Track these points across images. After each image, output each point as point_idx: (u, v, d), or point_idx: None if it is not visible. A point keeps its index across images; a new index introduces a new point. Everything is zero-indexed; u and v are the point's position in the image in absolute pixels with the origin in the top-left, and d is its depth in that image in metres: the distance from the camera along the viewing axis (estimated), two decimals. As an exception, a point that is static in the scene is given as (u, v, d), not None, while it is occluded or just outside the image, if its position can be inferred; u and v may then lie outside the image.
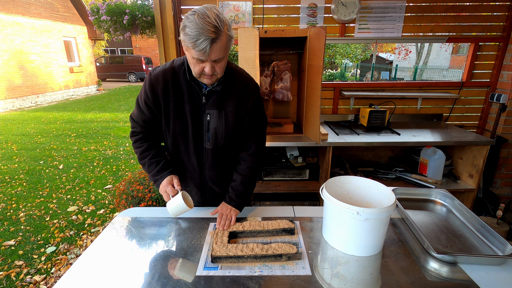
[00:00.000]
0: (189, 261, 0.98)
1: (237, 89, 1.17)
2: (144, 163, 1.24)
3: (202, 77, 1.07)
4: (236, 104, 1.18)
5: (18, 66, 9.18)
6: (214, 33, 0.93)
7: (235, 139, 1.24)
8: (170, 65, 1.15)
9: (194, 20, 0.93)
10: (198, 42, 0.93)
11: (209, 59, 0.99)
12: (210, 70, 1.02)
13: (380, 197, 1.10)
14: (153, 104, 1.15)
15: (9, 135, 5.98)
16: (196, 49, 0.95)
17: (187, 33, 0.94)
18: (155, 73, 1.14)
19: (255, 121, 1.24)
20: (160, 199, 2.59)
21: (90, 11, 2.70)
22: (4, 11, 8.60)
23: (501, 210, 2.04)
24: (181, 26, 0.98)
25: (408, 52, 17.92)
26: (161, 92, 1.13)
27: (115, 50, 20.21)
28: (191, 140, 1.20)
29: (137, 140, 1.25)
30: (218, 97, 1.16)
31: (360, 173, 2.46)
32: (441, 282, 0.88)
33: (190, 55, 1.01)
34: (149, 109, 1.17)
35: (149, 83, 1.13)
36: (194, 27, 0.92)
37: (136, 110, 1.22)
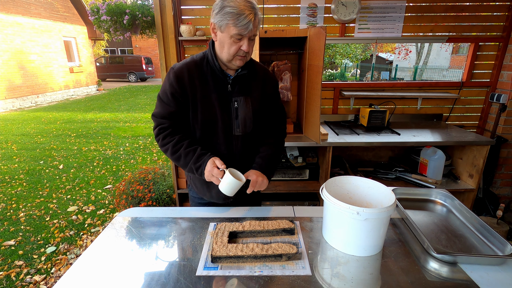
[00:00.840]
0: (189, 261, 0.98)
1: (259, 75, 1.25)
2: (180, 155, 1.17)
3: (235, 59, 1.12)
4: (260, 89, 1.25)
5: (18, 66, 9.18)
6: (253, 9, 1.04)
7: (262, 124, 1.31)
8: (191, 59, 1.18)
9: (234, 0, 1.02)
10: (242, 18, 1.01)
11: (248, 36, 1.06)
12: (247, 46, 1.08)
13: (380, 197, 1.10)
14: (181, 96, 1.15)
15: (9, 135, 5.98)
16: (239, 24, 1.02)
17: (228, 11, 1.02)
18: (178, 67, 1.15)
19: (277, 104, 1.34)
20: (160, 199, 2.59)
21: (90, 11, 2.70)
22: (4, 11, 8.60)
23: (501, 210, 2.04)
24: (216, 9, 1.06)
25: (408, 52, 17.92)
26: (188, 84, 1.14)
27: (115, 50, 20.21)
28: (220, 129, 1.21)
29: (166, 136, 1.19)
30: (243, 83, 1.21)
31: (360, 173, 2.46)
32: (441, 282, 0.88)
33: (227, 34, 1.06)
34: (176, 102, 1.16)
35: (174, 76, 1.14)
36: (236, 5, 1.02)
37: (160, 107, 1.19)
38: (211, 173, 1.11)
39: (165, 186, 2.66)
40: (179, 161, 1.18)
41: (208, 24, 2.56)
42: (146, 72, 16.40)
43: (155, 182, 2.69)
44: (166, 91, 1.16)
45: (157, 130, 1.20)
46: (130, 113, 8.26)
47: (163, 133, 1.19)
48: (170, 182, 2.75)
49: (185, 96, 1.16)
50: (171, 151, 1.18)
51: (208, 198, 1.34)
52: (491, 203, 2.58)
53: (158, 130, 1.20)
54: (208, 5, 2.52)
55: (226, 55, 1.11)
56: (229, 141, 1.24)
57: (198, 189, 1.36)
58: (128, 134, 6.07)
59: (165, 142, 1.18)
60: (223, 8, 1.03)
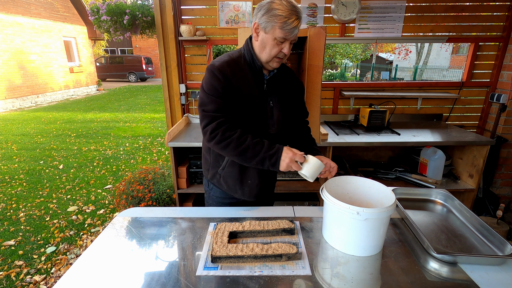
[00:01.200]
0: (189, 261, 0.98)
1: (288, 75, 1.31)
2: (247, 146, 1.12)
3: (273, 61, 1.16)
4: (292, 90, 1.32)
5: (18, 66, 9.18)
6: (299, 14, 1.08)
7: (293, 123, 1.38)
8: (228, 57, 1.18)
9: (283, 4, 1.06)
10: (289, 22, 1.06)
11: (290, 39, 1.10)
12: (288, 49, 1.12)
13: (380, 197, 1.10)
14: (229, 90, 1.15)
15: (9, 135, 5.98)
16: (285, 28, 1.06)
17: (276, 14, 1.05)
18: (219, 63, 1.14)
19: (303, 103, 1.42)
20: (160, 199, 2.59)
21: (90, 11, 2.70)
22: (4, 11, 8.60)
23: (501, 210, 2.04)
24: (263, 10, 1.08)
25: (408, 52, 17.92)
26: (232, 80, 1.15)
27: (115, 50, 20.21)
28: (257, 127, 1.23)
29: (227, 130, 1.13)
30: (277, 84, 1.26)
31: (360, 173, 2.46)
32: (441, 282, 0.88)
33: (271, 36, 1.09)
34: (227, 96, 1.15)
35: (219, 71, 1.12)
36: (285, 9, 1.05)
37: (213, 102, 1.14)
38: (293, 159, 1.10)
39: (165, 186, 2.66)
40: (246, 153, 1.12)
41: (209, 24, 2.56)
42: (146, 72, 16.40)
43: (155, 182, 2.69)
44: (215, 86, 1.13)
45: (215, 125, 1.13)
46: (130, 113, 8.26)
47: (222, 127, 1.13)
48: (170, 182, 2.75)
49: (230, 92, 1.15)
50: (236, 144, 1.12)
51: (240, 196, 1.34)
52: (491, 203, 2.58)
53: (216, 124, 1.13)
54: (208, 5, 2.52)
55: (266, 56, 1.14)
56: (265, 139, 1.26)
57: (229, 187, 1.33)
58: (128, 134, 6.07)
59: (227, 136, 1.12)
60: (270, 11, 1.06)
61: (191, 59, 2.68)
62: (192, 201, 2.52)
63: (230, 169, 1.29)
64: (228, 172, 1.29)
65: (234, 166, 1.28)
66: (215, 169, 1.32)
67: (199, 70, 2.71)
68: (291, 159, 1.10)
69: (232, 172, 1.29)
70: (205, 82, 1.16)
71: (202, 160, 1.41)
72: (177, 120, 2.69)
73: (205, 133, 1.15)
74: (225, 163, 1.29)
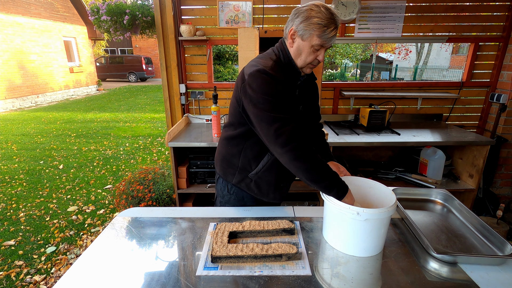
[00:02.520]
0: (189, 261, 0.98)
1: (311, 80, 1.33)
2: (321, 165, 1.06)
3: (307, 67, 1.17)
4: (314, 94, 1.36)
5: (18, 66, 9.18)
6: (337, 23, 1.07)
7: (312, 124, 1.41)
8: (272, 61, 1.14)
9: (322, 11, 1.05)
10: (328, 30, 1.05)
11: (327, 47, 1.11)
12: (323, 56, 1.13)
13: (381, 197, 1.10)
14: (286, 94, 1.13)
15: (9, 135, 5.98)
16: (323, 36, 1.06)
17: (316, 22, 1.05)
18: (270, 67, 1.10)
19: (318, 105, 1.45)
20: (160, 199, 2.59)
21: (90, 11, 2.70)
22: (4, 11, 8.60)
23: (501, 210, 2.04)
24: (302, 17, 1.07)
25: (408, 52, 17.92)
26: (283, 83, 1.14)
27: (115, 50, 20.21)
28: None
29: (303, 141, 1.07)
30: (305, 88, 1.28)
31: (360, 173, 2.46)
32: (441, 282, 0.88)
33: (308, 43, 1.09)
34: (287, 100, 1.13)
35: (272, 76, 1.09)
36: (324, 17, 1.04)
37: (279, 105, 1.08)
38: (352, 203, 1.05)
39: (165, 186, 2.66)
40: (319, 170, 1.05)
41: (209, 24, 2.56)
42: (146, 72, 16.40)
43: (155, 182, 2.69)
44: (276, 91, 1.08)
45: (293, 128, 1.06)
46: (130, 113, 8.26)
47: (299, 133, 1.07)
48: (170, 182, 2.75)
49: (286, 95, 1.13)
50: (311, 157, 1.05)
51: (270, 199, 1.33)
52: (491, 203, 2.58)
53: (293, 128, 1.06)
54: (208, 5, 2.52)
55: (302, 62, 1.15)
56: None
57: (260, 191, 1.30)
58: (128, 134, 6.07)
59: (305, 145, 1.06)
60: (310, 18, 1.06)
61: (191, 59, 2.69)
62: (192, 201, 2.52)
63: (267, 174, 1.26)
64: (263, 176, 1.27)
65: (271, 171, 1.26)
66: (245, 173, 1.28)
67: (199, 70, 2.71)
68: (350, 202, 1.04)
69: (269, 177, 1.27)
70: (261, 87, 1.08)
71: (223, 164, 1.34)
72: (177, 120, 2.69)
73: (281, 135, 1.05)
74: (261, 167, 1.26)
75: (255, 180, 1.28)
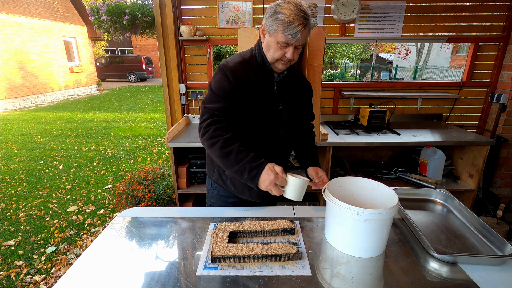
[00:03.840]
0: (189, 261, 0.98)
1: (297, 77, 1.31)
2: (231, 151, 1.07)
3: (278, 63, 1.14)
4: (301, 93, 1.32)
5: (18, 66, 9.18)
6: (305, 19, 1.03)
7: (300, 125, 1.39)
8: (241, 58, 1.17)
9: (288, 8, 1.02)
10: (291, 27, 1.02)
11: (294, 44, 1.07)
12: (292, 54, 1.09)
13: (384, 198, 1.09)
14: (238, 93, 1.13)
15: (9, 135, 5.98)
16: (287, 33, 1.03)
17: (279, 18, 1.03)
18: (233, 64, 1.13)
19: (311, 106, 1.41)
20: (160, 199, 2.59)
21: (90, 11, 2.70)
22: (4, 11, 8.60)
23: (501, 210, 2.04)
24: (269, 13, 1.06)
25: (408, 52, 17.92)
26: (244, 82, 1.14)
27: (115, 50, 20.21)
28: (267, 130, 1.23)
29: (219, 129, 1.09)
30: (286, 86, 1.25)
31: (360, 173, 2.46)
32: (441, 282, 0.88)
33: (274, 39, 1.08)
34: (233, 99, 1.13)
35: (231, 72, 1.12)
36: (289, 13, 1.01)
37: (216, 101, 1.12)
38: (273, 182, 1.03)
39: (165, 186, 2.66)
40: (228, 156, 1.06)
41: (209, 24, 2.56)
42: (146, 72, 16.40)
43: (155, 182, 2.69)
44: (224, 88, 1.12)
45: (210, 121, 1.10)
46: (130, 113, 8.26)
47: (215, 124, 1.10)
48: (170, 182, 2.75)
49: (240, 94, 1.14)
50: (222, 144, 1.07)
51: (247, 197, 1.34)
52: (491, 203, 2.58)
53: (211, 121, 1.10)
54: (208, 5, 2.52)
55: (270, 57, 1.14)
56: (273, 142, 1.27)
57: (236, 188, 1.32)
58: (128, 134, 6.07)
59: (216, 134, 1.09)
60: (275, 14, 1.04)
61: (191, 59, 2.69)
62: (192, 201, 2.52)
63: None
64: None
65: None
66: (222, 170, 1.30)
67: (199, 70, 2.71)
68: (271, 182, 1.03)
69: None
70: (215, 81, 1.14)
71: (207, 160, 1.39)
72: (177, 120, 2.69)
73: (200, 129, 1.12)
74: None
75: (230, 178, 1.30)
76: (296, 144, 1.42)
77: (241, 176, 1.07)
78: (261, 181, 1.04)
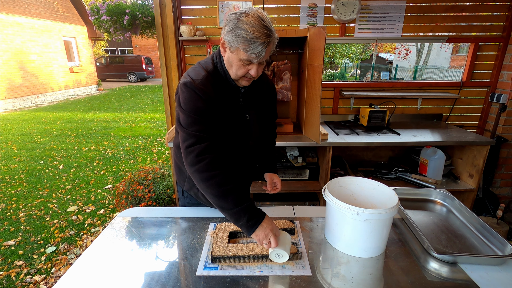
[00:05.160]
0: (189, 261, 0.98)
1: (262, 84, 1.26)
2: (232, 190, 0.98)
3: (241, 80, 1.06)
4: (266, 99, 1.28)
5: (18, 66, 9.18)
6: (269, 36, 0.93)
7: (267, 131, 1.39)
8: (205, 72, 1.07)
9: (249, 23, 0.91)
10: (254, 46, 0.92)
11: (257, 62, 0.99)
12: (256, 72, 1.01)
13: (384, 199, 1.10)
14: (212, 109, 1.06)
15: (9, 135, 5.98)
16: (250, 52, 0.94)
17: (240, 35, 0.92)
18: (200, 81, 1.04)
19: (275, 107, 1.39)
20: (160, 199, 2.59)
21: (90, 11, 2.70)
22: (4, 11, 8.60)
23: (501, 210, 2.04)
24: (229, 27, 0.95)
25: (408, 52, 17.92)
26: (214, 98, 1.06)
27: (115, 50, 20.21)
28: (237, 142, 1.20)
29: (216, 160, 1.01)
30: (251, 96, 1.20)
31: (360, 173, 2.46)
32: (441, 282, 0.88)
33: (237, 57, 0.98)
34: (210, 117, 1.05)
35: (201, 91, 1.02)
36: (251, 30, 0.91)
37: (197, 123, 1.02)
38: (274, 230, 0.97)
39: (165, 186, 2.66)
40: (227, 196, 0.97)
41: (209, 24, 2.56)
42: (146, 72, 16.40)
43: (155, 182, 2.69)
44: (198, 108, 1.02)
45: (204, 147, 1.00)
46: (130, 113, 8.26)
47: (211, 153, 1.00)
48: (170, 182, 2.75)
49: (212, 111, 1.06)
50: (221, 182, 0.98)
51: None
52: (491, 203, 2.58)
53: (205, 147, 1.00)
54: (208, 5, 2.52)
55: (233, 75, 1.05)
56: (244, 153, 1.25)
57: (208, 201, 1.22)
58: (128, 134, 6.07)
59: (214, 167, 0.99)
60: (235, 29, 0.93)
61: (191, 59, 2.68)
62: (192, 201, 2.52)
63: None
64: None
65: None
66: (192, 182, 1.21)
67: (199, 70, 2.71)
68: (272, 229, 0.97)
69: None
70: (185, 101, 1.03)
71: (176, 170, 1.32)
72: (177, 120, 2.69)
73: (190, 153, 1.01)
74: None
75: (201, 192, 1.18)
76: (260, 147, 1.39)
77: (237, 219, 0.98)
78: (259, 230, 0.96)
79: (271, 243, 0.94)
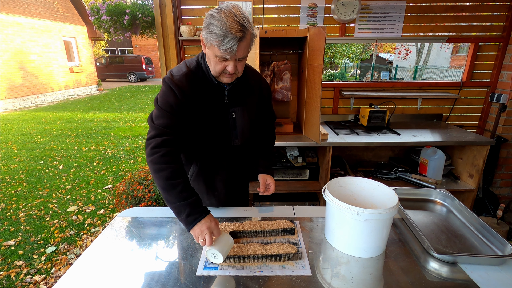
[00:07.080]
0: (189, 261, 0.98)
1: (252, 82, 1.23)
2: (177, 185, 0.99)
3: (222, 76, 1.07)
4: (256, 97, 1.25)
5: (18, 66, 9.18)
6: (241, 31, 0.93)
7: (258, 130, 1.35)
8: (187, 69, 1.09)
9: (221, 18, 0.92)
10: (225, 41, 0.93)
11: (233, 58, 0.99)
12: (233, 68, 1.02)
13: (384, 199, 1.10)
14: (184, 107, 1.07)
15: (9, 135, 5.98)
16: (222, 47, 0.94)
17: (213, 31, 0.93)
18: (178, 77, 1.06)
19: (270, 107, 1.37)
20: (160, 199, 2.59)
21: (90, 11, 2.70)
22: (4, 11, 8.60)
23: (501, 210, 2.04)
24: (204, 23, 0.98)
25: (408, 52, 17.91)
26: (190, 95, 1.07)
27: (115, 50, 20.20)
28: (219, 141, 1.19)
29: (169, 154, 1.02)
30: (238, 93, 1.17)
31: (360, 173, 2.46)
32: (441, 282, 0.88)
33: (212, 53, 1.00)
34: (180, 113, 1.06)
35: (176, 86, 1.04)
36: (222, 26, 0.92)
37: (164, 117, 1.05)
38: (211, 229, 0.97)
39: (165, 186, 2.66)
40: (172, 190, 0.99)
41: (208, 24, 2.56)
42: (146, 72, 16.40)
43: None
44: (169, 102, 1.04)
45: (160, 141, 1.01)
46: (130, 113, 8.26)
47: (166, 147, 1.02)
48: (170, 182, 2.75)
49: (187, 108, 1.07)
50: (169, 175, 0.99)
51: (208, 205, 1.32)
52: (491, 203, 2.58)
53: (161, 141, 1.02)
54: (208, 5, 2.52)
55: (213, 71, 1.06)
56: (228, 153, 1.24)
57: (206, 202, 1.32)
58: (128, 134, 6.07)
59: (164, 161, 1.00)
60: (209, 25, 0.94)
61: (191, 59, 2.68)
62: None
63: (195, 184, 1.26)
64: (193, 184, 1.24)
65: (199, 180, 1.26)
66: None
67: (199, 70, 2.71)
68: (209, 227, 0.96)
69: (198, 186, 1.27)
70: (160, 95, 1.07)
71: None
72: (177, 120, 2.69)
73: (148, 145, 1.03)
74: (190, 174, 1.26)
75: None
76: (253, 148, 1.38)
77: (178, 213, 0.99)
78: (197, 226, 0.96)
79: (206, 240, 0.94)
